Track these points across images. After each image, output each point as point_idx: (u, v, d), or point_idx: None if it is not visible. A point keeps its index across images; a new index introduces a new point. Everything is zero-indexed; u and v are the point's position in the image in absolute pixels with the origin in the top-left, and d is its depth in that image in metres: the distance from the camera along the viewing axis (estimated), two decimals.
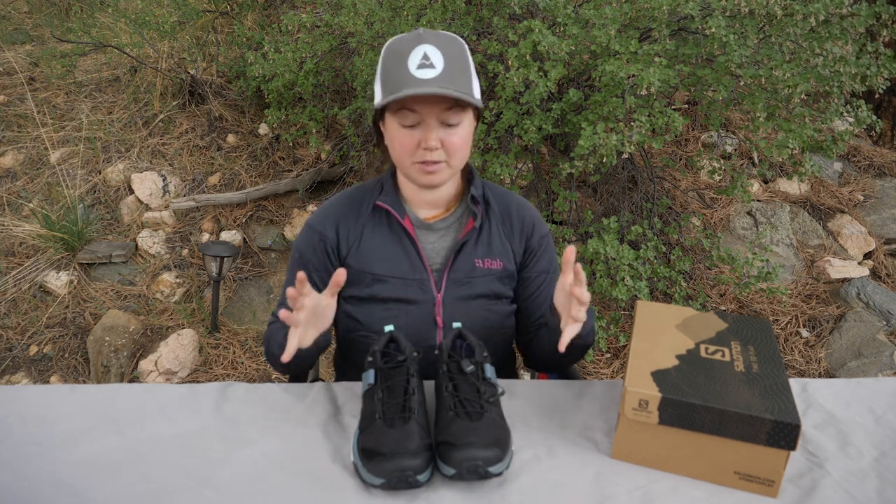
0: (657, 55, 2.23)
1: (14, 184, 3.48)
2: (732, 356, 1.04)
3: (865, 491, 0.95)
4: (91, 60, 4.23)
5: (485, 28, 2.79)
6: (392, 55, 1.12)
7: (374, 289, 1.22)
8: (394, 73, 1.10)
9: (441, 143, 1.13)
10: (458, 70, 1.11)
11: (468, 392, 0.98)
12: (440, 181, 1.18)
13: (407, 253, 1.23)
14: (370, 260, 1.23)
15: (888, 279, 3.30)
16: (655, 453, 0.97)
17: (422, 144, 1.12)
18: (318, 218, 1.27)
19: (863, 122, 2.38)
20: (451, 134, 1.13)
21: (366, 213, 1.26)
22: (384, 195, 1.25)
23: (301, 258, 1.27)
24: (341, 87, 3.61)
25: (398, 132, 1.14)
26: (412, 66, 1.08)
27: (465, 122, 1.15)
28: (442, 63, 1.09)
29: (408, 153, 1.14)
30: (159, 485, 0.91)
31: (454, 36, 1.15)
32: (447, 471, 0.91)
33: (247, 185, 3.57)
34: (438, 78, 1.08)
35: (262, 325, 3.07)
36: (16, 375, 2.75)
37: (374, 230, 1.24)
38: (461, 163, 1.18)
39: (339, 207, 1.28)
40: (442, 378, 1.02)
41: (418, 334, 1.21)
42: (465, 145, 1.16)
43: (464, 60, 1.14)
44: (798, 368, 2.88)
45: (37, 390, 1.10)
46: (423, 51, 1.09)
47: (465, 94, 1.09)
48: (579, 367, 2.85)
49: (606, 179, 3.29)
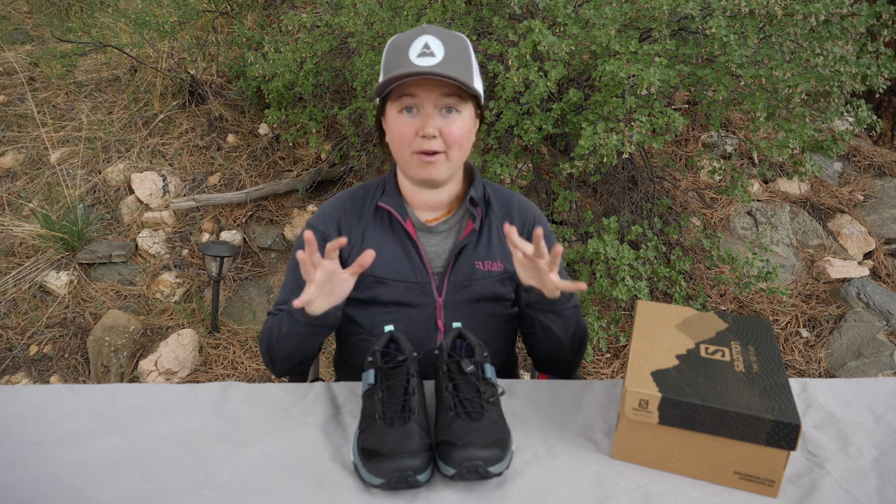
0: (657, 55, 2.23)
1: (14, 184, 3.48)
2: (732, 356, 1.04)
3: (865, 491, 0.95)
4: (91, 60, 4.23)
5: (485, 28, 2.79)
6: (394, 48, 1.13)
7: (375, 291, 1.21)
8: (394, 63, 1.11)
9: (440, 132, 1.12)
10: (458, 61, 1.11)
11: (468, 392, 0.98)
12: (439, 175, 1.16)
13: (409, 256, 1.22)
14: (372, 262, 1.23)
15: (888, 279, 3.30)
16: (655, 453, 0.97)
17: (420, 132, 1.12)
18: (321, 217, 1.27)
19: (863, 122, 2.39)
20: (450, 123, 1.13)
21: (368, 214, 1.25)
22: (386, 196, 1.24)
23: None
24: (341, 87, 3.61)
25: (397, 120, 1.14)
26: (412, 55, 1.09)
27: (464, 113, 1.14)
28: (442, 52, 1.10)
29: (406, 142, 1.14)
30: (159, 485, 0.91)
31: (459, 34, 1.16)
32: (447, 470, 0.91)
33: (247, 185, 3.57)
34: (438, 65, 1.09)
35: (262, 324, 3.07)
36: (16, 375, 2.75)
37: (375, 231, 1.24)
38: (460, 156, 1.17)
39: (341, 207, 1.27)
40: (442, 378, 1.02)
41: (419, 338, 1.20)
42: (465, 137, 1.15)
43: (465, 54, 1.13)
44: (798, 368, 2.88)
45: (37, 390, 1.10)
46: (425, 41, 1.10)
47: (463, 80, 1.09)
48: (579, 367, 2.85)
49: (606, 179, 3.29)
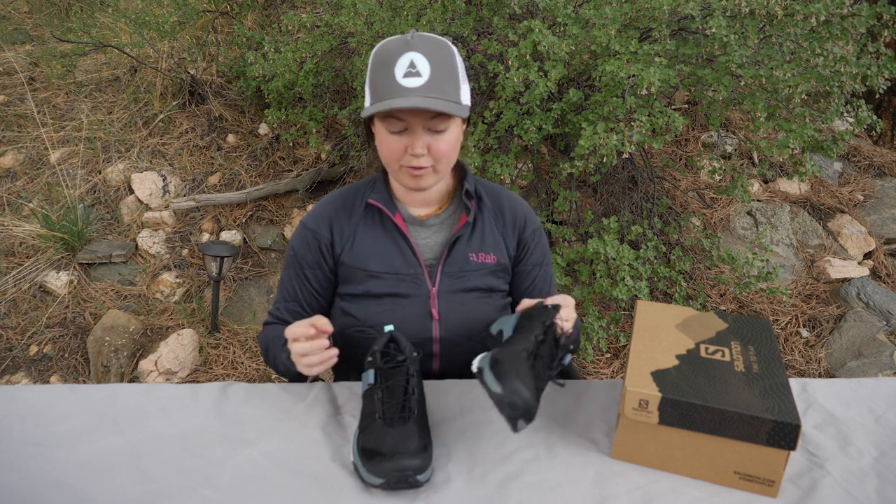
0: (657, 55, 2.23)
1: (14, 184, 3.48)
2: (732, 356, 1.04)
3: (865, 491, 0.95)
4: (91, 60, 4.23)
5: (485, 28, 2.79)
6: (379, 62, 1.13)
7: (368, 285, 1.25)
8: (381, 81, 1.12)
9: (428, 148, 1.15)
10: (444, 77, 1.12)
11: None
12: (427, 185, 1.20)
13: (400, 249, 1.26)
14: (364, 257, 1.25)
15: (888, 279, 3.30)
16: (655, 453, 0.97)
17: (409, 150, 1.15)
18: (313, 217, 1.31)
19: (863, 122, 2.38)
20: (438, 140, 1.15)
21: (359, 212, 1.29)
22: (376, 193, 1.28)
23: (295, 256, 1.31)
24: (341, 87, 3.61)
25: (386, 138, 1.16)
26: (398, 75, 1.10)
27: (451, 129, 1.16)
28: (428, 71, 1.10)
29: (395, 158, 1.17)
30: (159, 485, 0.91)
31: (442, 40, 1.16)
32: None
33: (247, 185, 3.57)
34: (424, 87, 1.09)
35: (262, 324, 3.06)
36: (16, 375, 2.75)
37: (367, 228, 1.27)
38: (447, 167, 1.21)
39: (332, 206, 1.31)
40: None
41: (414, 327, 1.23)
42: (452, 151, 1.19)
43: (451, 66, 1.14)
44: (798, 368, 2.88)
45: (37, 390, 1.10)
46: (410, 58, 1.10)
47: (450, 104, 1.10)
48: (579, 367, 2.85)
49: (606, 179, 3.29)
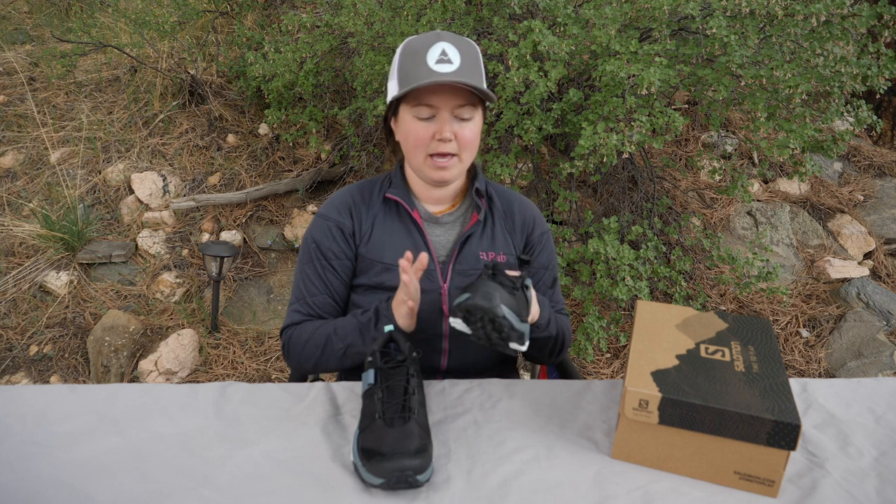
0: (657, 55, 2.23)
1: (14, 184, 3.48)
2: (732, 356, 1.04)
3: (865, 491, 0.95)
4: (91, 60, 4.23)
5: (485, 28, 2.79)
6: (410, 52, 1.17)
7: (382, 277, 1.25)
8: (412, 68, 1.15)
9: (455, 135, 1.18)
10: (473, 68, 1.17)
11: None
12: (451, 177, 1.22)
13: (416, 244, 1.27)
14: (380, 249, 1.26)
15: (888, 279, 3.30)
16: (655, 453, 0.97)
17: (436, 136, 1.18)
18: (331, 207, 1.31)
19: (863, 122, 2.39)
20: (464, 127, 1.19)
21: (377, 204, 1.30)
22: (394, 188, 1.30)
23: (319, 248, 1.28)
24: (341, 87, 3.61)
25: (413, 124, 1.19)
26: (431, 61, 1.14)
27: (476, 118, 1.21)
28: (459, 60, 1.15)
29: (423, 145, 1.19)
30: (159, 485, 0.91)
31: (470, 41, 1.21)
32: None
33: (247, 185, 3.56)
34: (456, 72, 1.14)
35: (262, 324, 3.07)
36: (16, 375, 2.75)
37: (384, 221, 1.29)
38: (470, 157, 1.24)
39: (350, 197, 1.32)
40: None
41: (425, 323, 1.23)
42: (476, 140, 1.22)
43: (478, 62, 1.20)
44: (798, 368, 2.88)
45: (37, 390, 1.10)
46: (442, 47, 1.15)
47: (481, 90, 1.15)
48: (579, 367, 2.85)
49: (606, 179, 3.29)
